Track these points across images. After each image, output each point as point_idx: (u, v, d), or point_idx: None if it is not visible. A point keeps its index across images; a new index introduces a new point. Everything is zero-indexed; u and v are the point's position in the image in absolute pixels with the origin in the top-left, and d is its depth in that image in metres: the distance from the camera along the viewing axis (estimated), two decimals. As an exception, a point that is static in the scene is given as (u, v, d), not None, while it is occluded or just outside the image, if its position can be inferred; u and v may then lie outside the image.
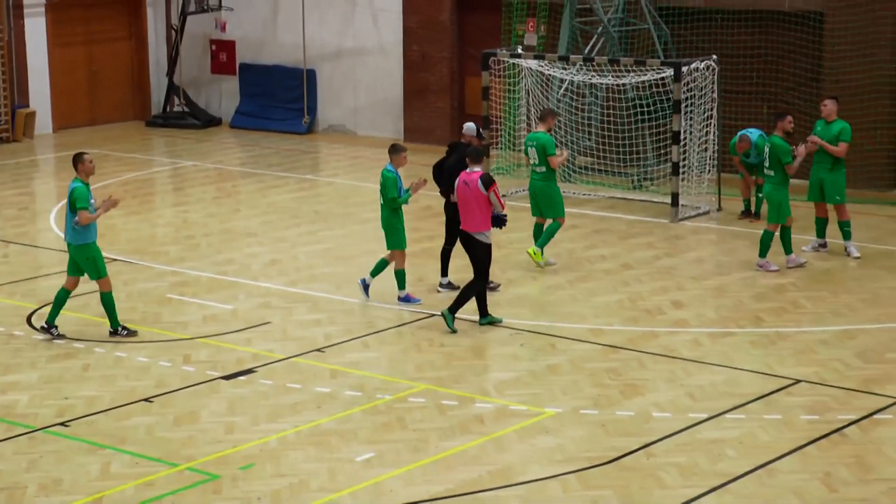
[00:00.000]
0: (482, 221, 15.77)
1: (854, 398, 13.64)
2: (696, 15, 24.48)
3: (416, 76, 28.18)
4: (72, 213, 15.23)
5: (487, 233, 15.84)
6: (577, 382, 14.20)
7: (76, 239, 15.33)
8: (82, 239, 15.32)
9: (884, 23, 22.78)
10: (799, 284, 17.74)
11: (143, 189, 24.58)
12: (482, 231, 15.80)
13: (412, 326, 16.22)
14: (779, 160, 18.01)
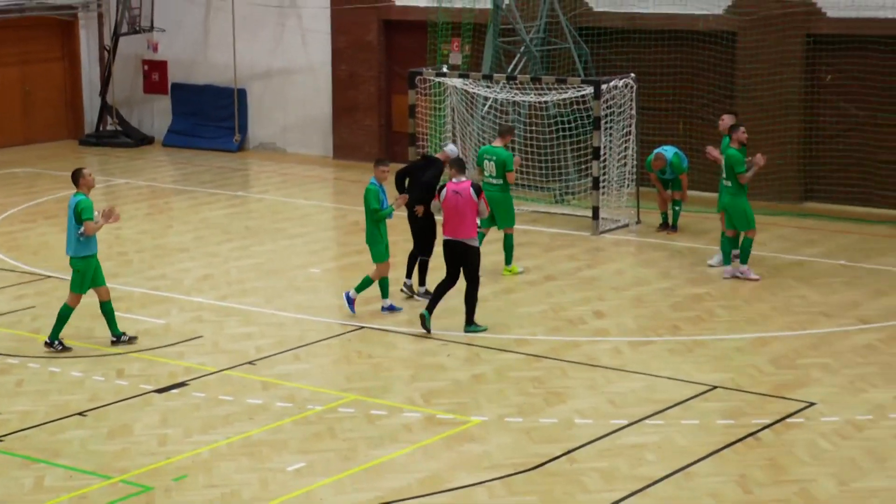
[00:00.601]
0: (470, 228, 16.03)
1: (768, 403, 13.76)
2: (615, 35, 24.65)
3: (345, 95, 28.14)
4: (77, 225, 15.27)
5: (475, 238, 16.17)
6: (503, 391, 14.22)
7: (78, 251, 15.38)
8: (84, 251, 15.37)
9: (792, 42, 23.05)
10: (714, 294, 17.88)
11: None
12: (472, 237, 16.06)
13: (342, 339, 16.17)
14: (733, 169, 18.17)
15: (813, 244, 20.61)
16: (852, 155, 22.97)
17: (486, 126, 23.92)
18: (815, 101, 23.26)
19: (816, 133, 23.28)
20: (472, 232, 16.06)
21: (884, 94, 22.67)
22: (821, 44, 23.02)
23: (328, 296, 18.22)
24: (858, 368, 14.79)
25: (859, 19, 22.50)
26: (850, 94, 23.01)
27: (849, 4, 22.57)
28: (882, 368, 14.80)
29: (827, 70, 23.14)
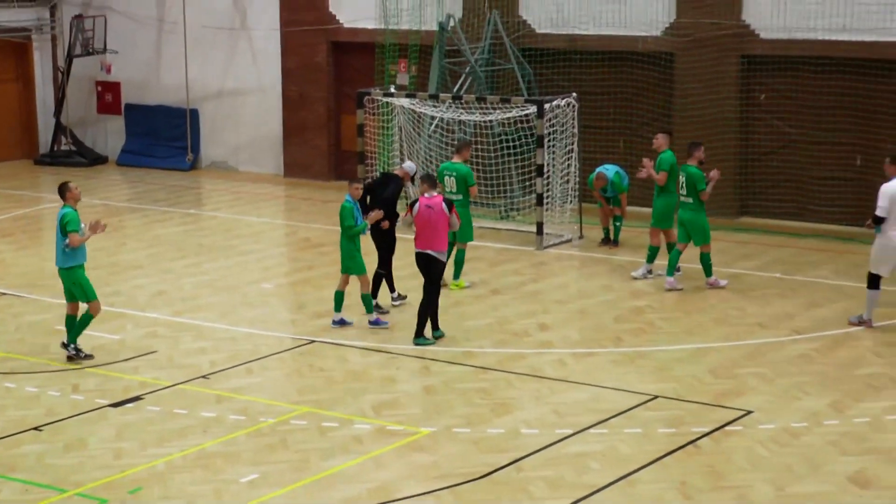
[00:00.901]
0: (442, 241, 16.16)
1: (707, 411, 13.86)
2: (557, 55, 24.79)
3: (295, 114, 28.11)
4: (63, 237, 15.31)
5: (445, 251, 16.28)
6: (451, 402, 14.24)
7: (66, 262, 15.41)
8: (71, 262, 15.40)
9: (728, 62, 23.26)
10: (655, 306, 18.00)
11: (33, 225, 24.14)
12: (443, 250, 16.19)
13: (293, 353, 16.14)
14: (694, 187, 18.35)
15: (749, 258, 20.79)
16: (785, 171, 23.21)
17: (432, 145, 23.97)
18: (750, 120, 23.49)
19: (751, 150, 23.50)
20: (443, 245, 16.19)
21: (815, 112, 22.92)
22: (754, 64, 23.26)
23: (280, 311, 18.19)
24: (793, 378, 14.93)
25: (791, 41, 22.75)
26: (782, 112, 23.25)
27: (781, 27, 22.82)
28: (816, 377, 14.95)
29: (760, 89, 23.38)
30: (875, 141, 22.09)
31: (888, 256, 16.43)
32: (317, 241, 22.31)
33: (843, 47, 22.32)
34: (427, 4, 25.73)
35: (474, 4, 25.36)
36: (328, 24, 27.47)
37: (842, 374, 15.10)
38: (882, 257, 16.49)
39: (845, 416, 13.63)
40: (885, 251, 16.45)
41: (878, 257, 16.54)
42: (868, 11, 22.04)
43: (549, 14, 24.84)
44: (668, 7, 23.73)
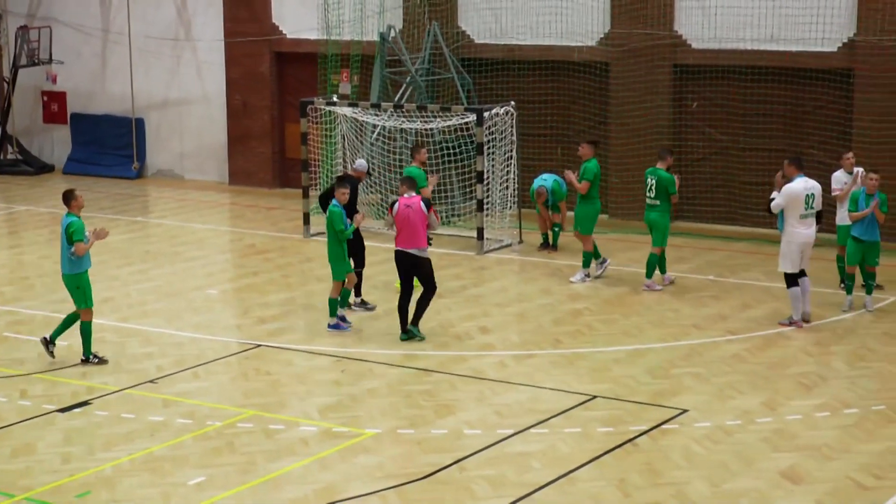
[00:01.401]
0: (421, 239, 16.30)
1: (644, 411, 13.88)
2: (496, 65, 24.80)
3: (239, 123, 27.94)
4: (69, 245, 15.30)
5: (426, 249, 16.39)
6: (395, 404, 14.17)
7: (71, 269, 15.43)
8: (77, 268, 15.44)
9: (661, 72, 23.37)
10: (593, 309, 18.02)
11: (-21, 233, 23.83)
12: (423, 247, 16.31)
13: (239, 357, 16.01)
14: (665, 190, 18.58)
15: (684, 261, 20.87)
16: (717, 177, 23.35)
17: (375, 152, 23.89)
18: (683, 127, 23.61)
19: (684, 157, 23.62)
20: (422, 243, 16.33)
21: (744, 120, 23.09)
22: (686, 73, 23.38)
23: (225, 316, 18.04)
24: (727, 377, 14.99)
25: (721, 50, 22.90)
26: (714, 120, 23.40)
27: (711, 37, 22.96)
28: (748, 377, 15.02)
29: (692, 98, 23.51)
30: (802, 147, 22.28)
31: (790, 252, 16.76)
32: (262, 248, 22.17)
33: (770, 57, 22.51)
34: (368, 16, 25.66)
35: (414, 16, 25.32)
36: (271, 35, 27.34)
37: (773, 373, 15.19)
38: (784, 253, 16.82)
39: (777, 414, 13.70)
40: (787, 247, 16.78)
41: (782, 253, 16.88)
42: (794, 23, 22.24)
43: (487, 25, 24.85)
44: (602, 18, 23.81)
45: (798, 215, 16.67)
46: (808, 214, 16.72)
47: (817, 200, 16.79)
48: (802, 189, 16.63)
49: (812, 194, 16.70)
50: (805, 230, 16.71)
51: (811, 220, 16.79)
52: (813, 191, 16.72)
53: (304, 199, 23.01)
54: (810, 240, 16.77)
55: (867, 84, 21.71)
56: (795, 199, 16.63)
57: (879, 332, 16.77)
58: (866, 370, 15.20)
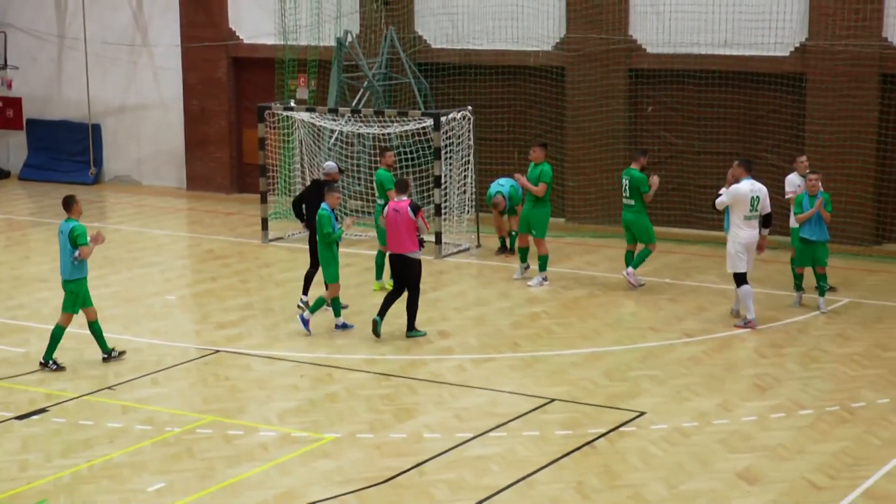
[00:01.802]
0: (411, 243, 16.57)
1: (602, 413, 13.93)
2: (453, 70, 24.83)
3: (196, 128, 27.83)
4: (72, 249, 15.36)
5: (417, 251, 16.64)
6: (354, 409, 14.15)
7: (72, 274, 15.48)
8: (78, 274, 15.50)
9: (616, 76, 23.47)
10: (551, 312, 18.06)
11: (-66, 239, 23.61)
12: (413, 251, 16.57)
13: (198, 363, 15.94)
14: (638, 190, 18.82)
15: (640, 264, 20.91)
16: (673, 180, 23.45)
17: (332, 157, 23.85)
18: (638, 131, 23.72)
19: (640, 160, 23.69)
20: (411, 246, 16.58)
21: (699, 123, 23.22)
22: (642, 78, 23.50)
23: (184, 321, 17.96)
24: (684, 379, 15.07)
25: (675, 55, 23.02)
26: (669, 124, 23.52)
27: (666, 41, 23.08)
28: (705, 379, 15.10)
29: (648, 102, 23.62)
30: (756, 150, 22.43)
31: (735, 252, 17.08)
32: (220, 253, 22.08)
33: (724, 61, 22.65)
34: (325, 21, 25.63)
35: (371, 21, 25.31)
36: (228, 40, 27.26)
37: (729, 374, 15.28)
38: (731, 253, 17.15)
39: (733, 416, 13.79)
40: (732, 248, 17.11)
41: (728, 254, 17.20)
42: (747, 27, 22.40)
43: (444, 30, 24.88)
44: (558, 23, 23.89)
45: (743, 216, 17.01)
46: (752, 216, 17.04)
47: (763, 203, 17.09)
48: (748, 191, 16.97)
49: (758, 197, 17.02)
50: (749, 231, 17.03)
51: (755, 223, 17.09)
52: (759, 193, 17.04)
53: (263, 205, 22.94)
54: (753, 240, 17.08)
55: (819, 88, 21.89)
56: (741, 199, 16.97)
57: (832, 333, 16.91)
58: (820, 371, 15.32)
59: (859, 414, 13.78)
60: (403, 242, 16.59)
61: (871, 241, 21.86)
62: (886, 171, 21.80)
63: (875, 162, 21.72)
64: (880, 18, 21.39)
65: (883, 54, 21.44)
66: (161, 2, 27.99)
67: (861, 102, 21.61)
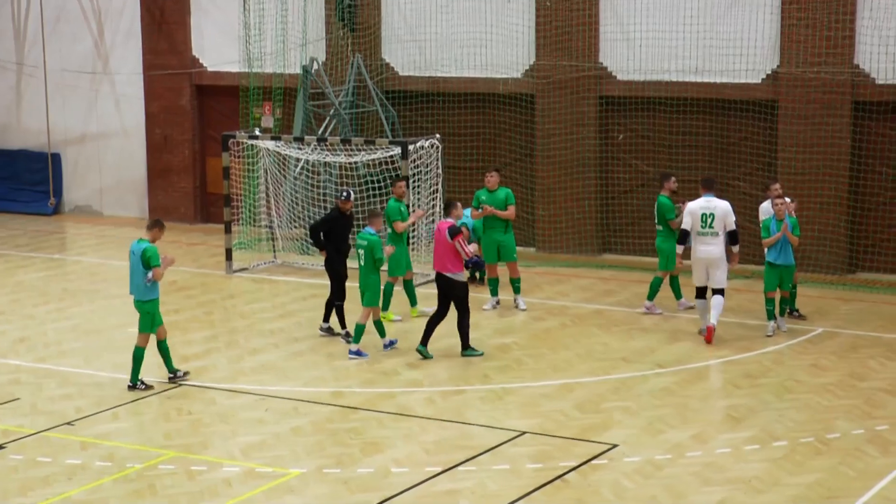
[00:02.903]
0: (452, 264, 16.95)
1: (574, 446, 13.89)
2: (420, 97, 24.86)
3: (159, 157, 27.75)
4: (145, 270, 15.69)
5: (459, 273, 17.03)
6: (320, 443, 14.07)
7: (145, 295, 15.82)
8: (150, 295, 15.85)
9: (587, 104, 23.55)
10: (521, 343, 18.04)
11: None
12: (454, 272, 16.95)
13: (161, 396, 15.82)
14: (664, 216, 19.18)
15: (611, 294, 20.98)
16: (644, 209, 23.50)
17: (298, 186, 23.82)
18: (609, 159, 23.79)
19: (611, 189, 23.79)
20: (451, 267, 16.97)
21: (670, 151, 23.31)
22: (612, 105, 23.59)
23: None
24: (656, 410, 15.06)
25: (646, 82, 23.13)
26: (640, 151, 23.61)
27: (636, 68, 23.19)
28: (678, 410, 15.09)
29: (619, 129, 23.71)
30: (727, 178, 22.52)
31: (693, 266, 18.10)
32: (183, 285, 21.96)
33: (695, 88, 22.77)
34: (291, 48, 25.64)
35: (338, 48, 25.34)
36: (192, 67, 27.23)
37: (703, 405, 15.29)
38: (692, 266, 18.14)
39: (707, 447, 13.77)
40: (692, 262, 18.12)
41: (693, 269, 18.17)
42: (718, 55, 22.53)
43: (411, 57, 24.92)
44: (527, 50, 23.97)
45: (696, 232, 17.98)
46: (705, 232, 17.90)
47: (718, 222, 17.87)
48: (699, 208, 17.96)
49: (712, 214, 17.88)
50: (703, 247, 17.93)
51: (711, 239, 17.89)
52: (713, 211, 17.90)
53: (227, 235, 22.86)
54: (710, 256, 17.87)
55: (790, 115, 22.03)
56: (693, 215, 18.01)
57: (806, 363, 16.95)
58: (794, 402, 15.34)
59: (834, 445, 13.80)
60: (444, 263, 17.04)
61: (844, 270, 21.96)
62: (859, 199, 21.92)
63: (848, 190, 21.85)
64: (852, 45, 21.57)
65: (855, 81, 21.61)
66: (123, 29, 27.94)
67: (833, 130, 21.75)
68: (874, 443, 13.84)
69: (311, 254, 23.50)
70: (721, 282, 17.88)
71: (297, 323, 19.01)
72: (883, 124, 21.70)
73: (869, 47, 21.45)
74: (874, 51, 21.43)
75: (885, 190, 21.83)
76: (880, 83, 21.50)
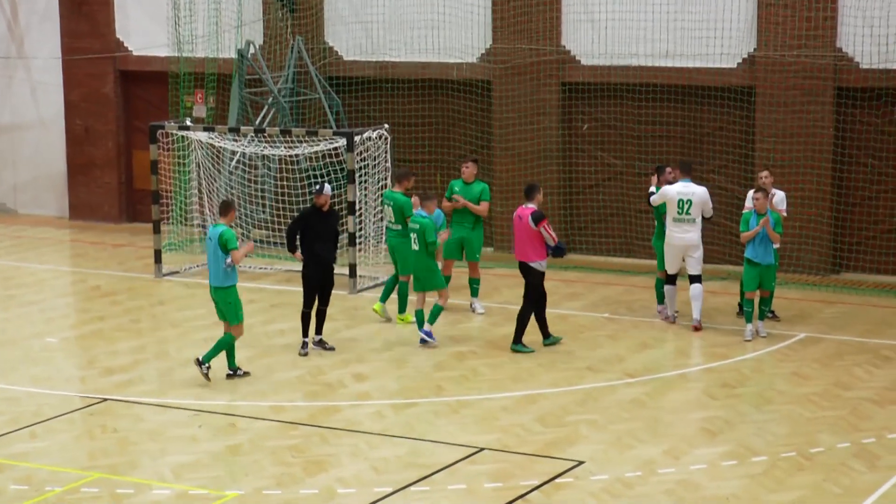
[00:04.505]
0: (534, 252, 17.62)
1: (536, 463, 13.94)
2: (367, 84, 24.87)
3: (81, 151, 27.61)
4: (224, 255, 16.28)
5: (541, 262, 17.70)
6: (259, 462, 14.05)
7: (224, 281, 16.44)
8: (229, 281, 16.47)
9: (548, 90, 23.63)
10: (479, 352, 18.08)
11: None
12: (535, 260, 17.65)
13: (83, 413, 15.75)
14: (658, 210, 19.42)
15: (576, 297, 21.07)
16: (612, 205, 23.64)
17: (234, 182, 23.76)
18: (573, 151, 23.88)
19: (575, 183, 23.88)
20: (533, 255, 17.63)
21: (639, 142, 23.44)
22: (576, 92, 23.68)
23: (67, 367, 17.75)
24: (626, 424, 15.14)
25: (612, 67, 23.23)
26: (606, 143, 23.71)
27: (602, 52, 23.29)
28: (649, 423, 15.18)
29: (583, 119, 23.81)
30: (702, 171, 22.63)
31: (667, 253, 18.87)
32: (108, 290, 21.87)
33: (665, 74, 22.90)
34: (225, 30, 25.58)
35: (276, 30, 25.30)
36: (116, 52, 27.11)
37: (676, 418, 15.38)
38: (665, 252, 18.91)
39: (681, 464, 13.86)
40: (665, 248, 18.89)
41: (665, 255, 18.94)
42: (691, 37, 22.66)
43: (357, 40, 24.92)
44: (483, 32, 24.03)
45: (672, 217, 18.67)
46: (682, 219, 18.62)
47: (695, 208, 18.56)
48: (675, 193, 18.61)
49: (690, 200, 18.55)
50: (678, 233, 18.68)
51: (688, 226, 18.60)
52: (691, 197, 18.57)
53: (156, 235, 22.78)
54: (686, 243, 18.63)
55: (769, 102, 22.20)
56: (669, 200, 18.66)
57: (788, 371, 17.09)
58: (775, 414, 15.46)
59: (817, 460, 13.92)
60: (525, 250, 17.66)
61: (827, 270, 22.15)
62: (843, 193, 22.11)
63: (831, 183, 22.04)
64: (833, 27, 21.75)
65: (837, 66, 21.80)
66: (39, 9, 27.79)
67: (815, 118, 21.94)
68: (861, 457, 13.97)
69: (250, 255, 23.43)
70: (698, 266, 18.65)
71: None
72: (868, 112, 21.91)
73: (853, 29, 21.65)
74: (858, 33, 21.63)
75: (871, 183, 22.03)
76: (865, 67, 21.70)
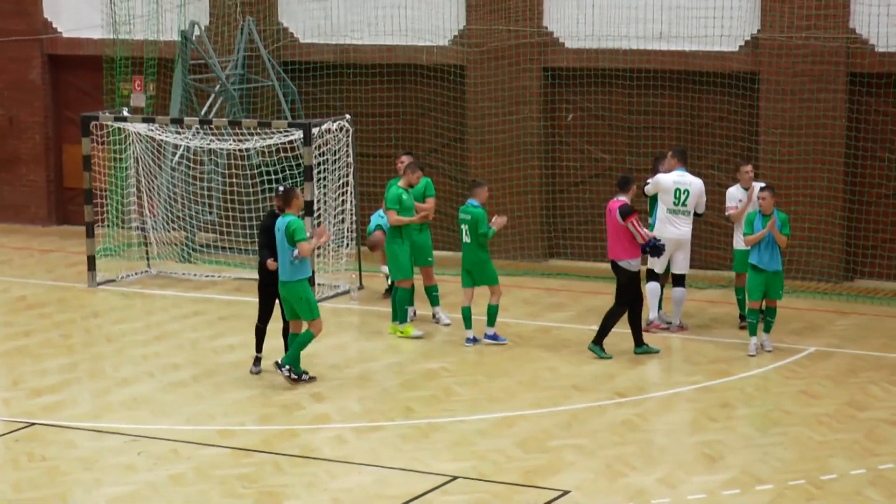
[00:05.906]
0: (623, 249, 18.03)
1: (516, 493, 13.94)
2: (326, 70, 24.84)
3: (4, 144, 27.55)
4: (291, 247, 16.67)
5: (632, 260, 18.07)
6: (205, 493, 14.02)
7: (293, 275, 16.83)
8: (299, 275, 16.87)
9: (528, 76, 23.64)
10: (451, 369, 18.09)
11: None
12: (625, 259, 18.03)
13: (6, 439, 15.70)
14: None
15: (560, 308, 21.09)
16: (599, 205, 23.58)
17: (177, 179, 23.69)
18: (556, 144, 23.91)
19: (559, 180, 23.91)
20: (622, 253, 18.08)
21: (630, 135, 23.48)
22: (559, 78, 23.71)
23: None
24: (616, 449, 15.15)
25: (600, 50, 23.26)
26: (593, 135, 23.74)
27: (588, 34, 23.33)
28: (642, 447, 15.20)
29: (568, 108, 23.83)
30: (699, 167, 22.66)
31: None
32: (35, 301, 21.80)
33: (659, 58, 22.94)
34: (166, 10, 25.53)
35: (224, 10, 25.27)
36: (43, 33, 27.04)
37: (671, 442, 15.41)
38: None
39: (677, 493, 13.88)
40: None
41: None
42: (687, 17, 22.71)
43: (315, 21, 24.91)
44: (456, 13, 24.04)
45: (667, 208, 19.08)
46: (677, 211, 19.06)
47: (691, 200, 19.07)
48: (672, 182, 19.09)
49: (687, 191, 19.06)
50: (673, 228, 19.05)
51: (683, 220, 19.07)
52: (688, 187, 19.10)
53: (89, 239, 22.71)
54: (679, 238, 19.06)
55: (774, 90, 22.26)
56: (665, 189, 19.13)
57: (795, 390, 17.13)
58: (781, 437, 15.50)
59: (829, 488, 13.96)
60: (613, 247, 18.18)
61: (840, 277, 22.21)
62: (857, 190, 22.19)
63: (843, 180, 22.10)
64: (846, 6, 21.83)
65: (850, 49, 21.87)
66: (-43, -14, 27.70)
67: (826, 107, 22.01)
68: (877, 485, 14.02)
69: (194, 261, 23.40)
70: (685, 266, 19.12)
71: (176, 346, 18.92)
72: (884, 100, 22.00)
73: (867, 8, 21.73)
74: (873, 12, 21.72)
75: (889, 180, 22.10)
76: (881, 51, 21.79)
